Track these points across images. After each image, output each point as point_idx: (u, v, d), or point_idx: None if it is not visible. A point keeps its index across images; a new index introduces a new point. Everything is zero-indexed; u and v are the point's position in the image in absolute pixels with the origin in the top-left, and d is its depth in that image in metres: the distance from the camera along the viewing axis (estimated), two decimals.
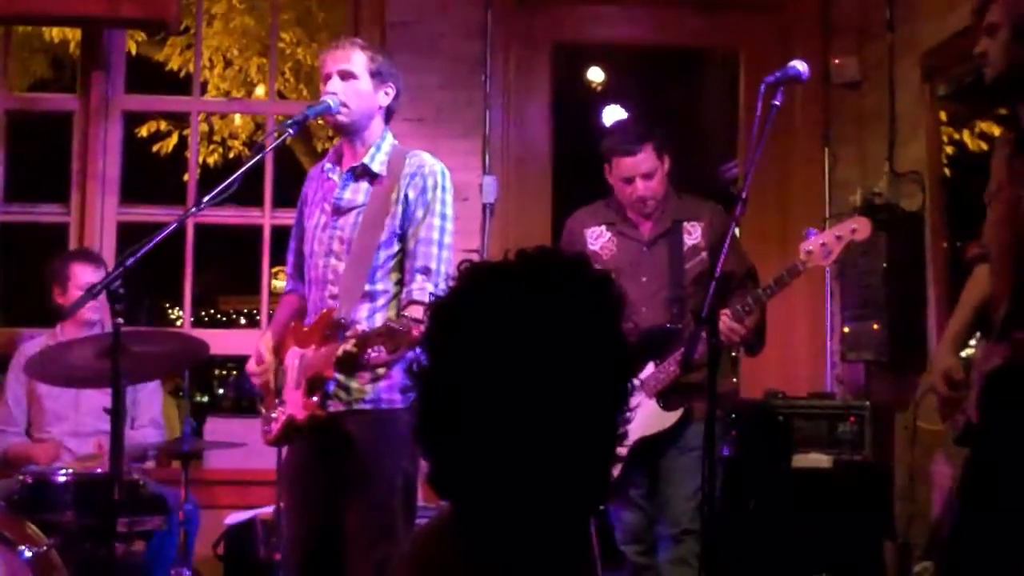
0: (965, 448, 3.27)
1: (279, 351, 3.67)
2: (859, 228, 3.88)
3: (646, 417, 4.17)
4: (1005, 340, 3.06)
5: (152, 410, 5.09)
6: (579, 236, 4.48)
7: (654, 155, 4.32)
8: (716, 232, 4.29)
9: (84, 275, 4.89)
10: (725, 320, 4.00)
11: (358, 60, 3.64)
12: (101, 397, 4.77)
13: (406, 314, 3.29)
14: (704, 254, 4.32)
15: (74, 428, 4.92)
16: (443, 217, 3.58)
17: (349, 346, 3.27)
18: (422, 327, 3.08)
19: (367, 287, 3.54)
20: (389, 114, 3.73)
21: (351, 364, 3.35)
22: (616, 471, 4.15)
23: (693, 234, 4.35)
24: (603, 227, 4.46)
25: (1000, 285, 3.12)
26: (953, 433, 3.30)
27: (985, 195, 3.25)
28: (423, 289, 3.47)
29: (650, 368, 4.21)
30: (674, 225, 4.37)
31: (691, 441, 4.19)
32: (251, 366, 3.72)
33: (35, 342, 4.95)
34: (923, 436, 4.82)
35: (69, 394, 4.91)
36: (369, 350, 3.21)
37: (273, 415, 3.61)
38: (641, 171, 4.32)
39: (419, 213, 3.56)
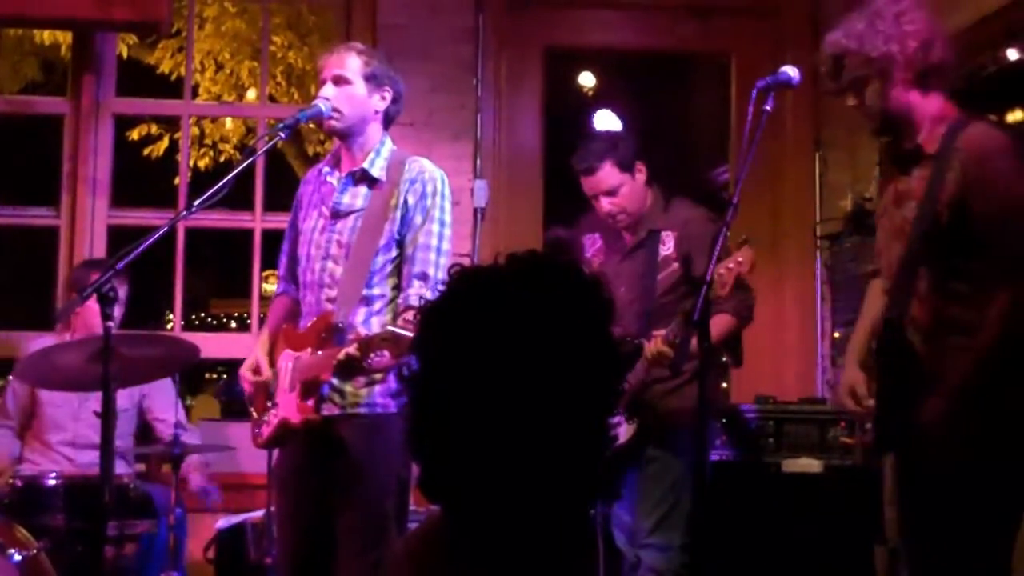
0: (879, 461, 3.42)
1: (272, 354, 3.66)
2: (744, 260, 3.90)
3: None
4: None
5: (173, 414, 5.04)
6: (579, 242, 4.53)
7: (616, 171, 4.29)
8: (690, 240, 4.27)
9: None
10: (657, 342, 4.01)
11: (352, 65, 3.63)
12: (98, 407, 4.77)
13: (408, 318, 3.29)
14: (675, 265, 4.30)
15: (72, 439, 4.90)
16: (442, 224, 3.59)
17: (352, 350, 3.26)
18: None
19: (364, 291, 3.53)
20: (388, 119, 3.72)
21: (352, 368, 3.35)
22: None
23: (667, 244, 4.34)
24: (597, 234, 4.49)
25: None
26: (867, 450, 3.45)
27: (876, 213, 3.47)
28: (420, 295, 3.47)
29: None
30: (650, 235, 4.36)
31: (648, 454, 4.24)
32: (245, 372, 3.69)
33: (40, 342, 4.93)
34: None
35: (71, 404, 4.90)
36: (372, 354, 3.21)
37: (264, 418, 3.60)
38: (602, 189, 4.30)
39: (418, 219, 3.56)
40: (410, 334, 3.10)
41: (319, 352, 3.44)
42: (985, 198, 3.11)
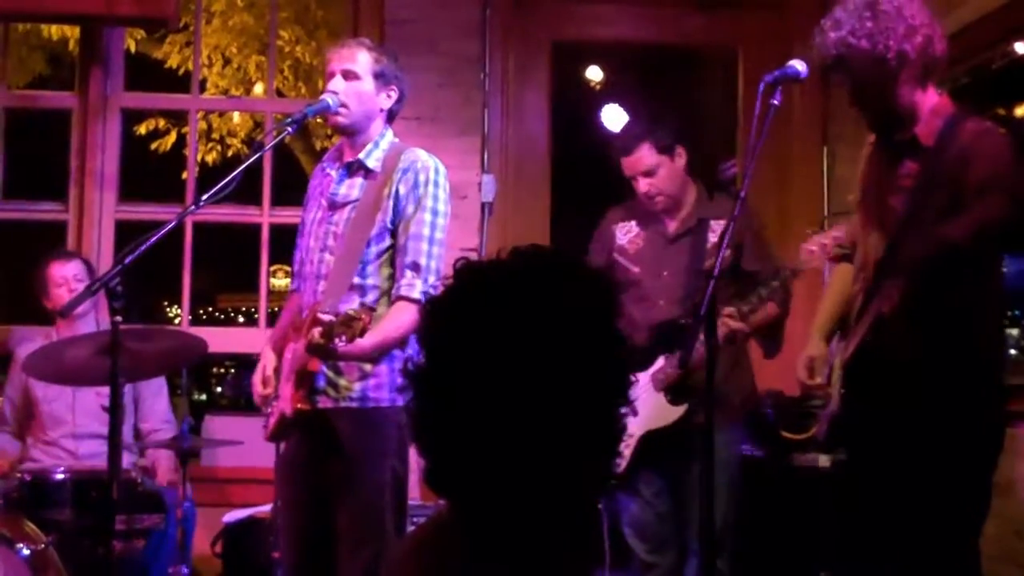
0: (833, 452, 3.48)
1: (282, 349, 3.67)
2: (840, 234, 3.90)
3: (654, 410, 4.18)
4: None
5: (160, 411, 5.10)
6: (609, 231, 4.49)
7: (653, 152, 4.32)
8: (741, 231, 4.31)
9: (59, 271, 4.93)
10: (727, 321, 4.02)
11: (362, 60, 3.62)
12: (98, 398, 4.79)
13: (371, 306, 3.30)
14: (728, 252, 4.31)
15: (72, 430, 4.91)
16: (435, 213, 3.57)
17: (316, 337, 3.27)
18: (373, 315, 3.15)
19: (356, 280, 3.53)
20: (391, 116, 3.72)
21: (323, 354, 3.35)
22: (622, 465, 4.16)
23: (717, 232, 4.36)
24: (633, 222, 4.47)
25: (862, 284, 3.36)
26: (820, 439, 3.50)
27: (852, 200, 3.53)
28: (412, 285, 3.47)
29: (660, 361, 4.21)
30: (700, 223, 4.37)
31: (695, 443, 4.17)
32: (257, 383, 3.70)
33: (33, 342, 4.95)
34: None
35: (66, 397, 4.91)
36: (336, 340, 3.21)
37: (270, 410, 3.61)
38: (639, 169, 4.33)
39: (410, 209, 3.55)
40: (358, 316, 3.13)
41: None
42: (978, 165, 3.12)
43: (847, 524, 3.40)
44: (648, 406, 4.18)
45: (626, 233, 4.48)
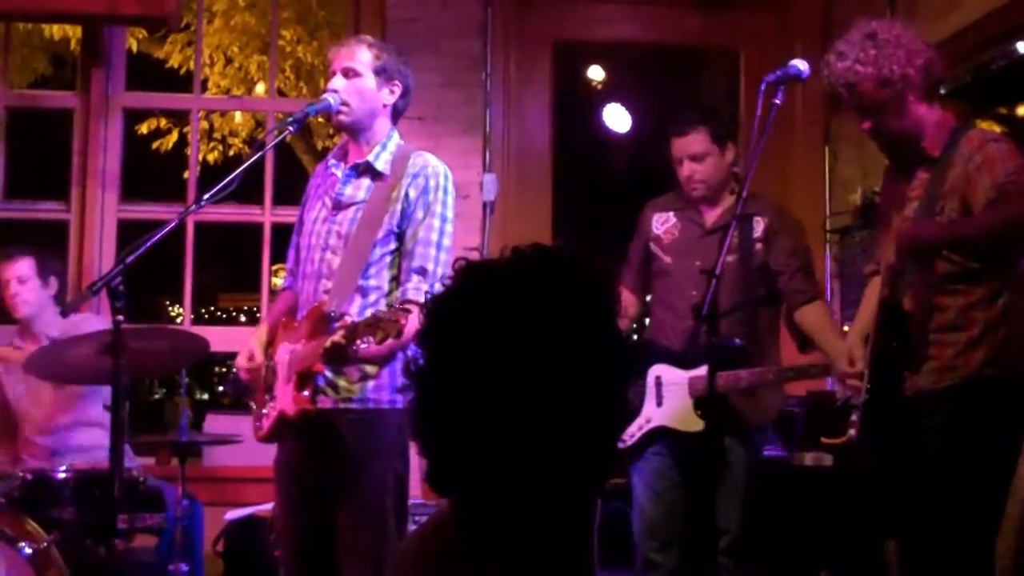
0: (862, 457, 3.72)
1: (271, 347, 3.66)
2: None
3: (679, 411, 4.19)
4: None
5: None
6: (647, 220, 4.53)
7: (706, 139, 4.34)
8: (774, 229, 4.35)
9: (4, 272, 4.89)
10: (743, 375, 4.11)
11: (362, 57, 3.61)
12: (55, 388, 4.80)
13: (395, 307, 3.27)
14: (759, 246, 4.34)
15: (37, 425, 4.90)
16: (443, 219, 3.57)
17: (338, 338, 3.25)
18: (409, 317, 3.11)
19: (360, 282, 3.52)
20: (396, 113, 3.71)
21: (340, 356, 3.33)
22: (628, 443, 4.20)
23: (756, 229, 4.38)
24: (670, 213, 4.50)
25: (883, 291, 3.51)
26: (853, 443, 3.63)
27: (878, 216, 3.78)
28: (418, 289, 3.45)
29: (703, 369, 4.21)
30: (743, 217, 4.37)
31: (728, 456, 4.21)
32: (240, 360, 3.69)
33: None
34: None
35: (29, 394, 4.89)
36: (358, 342, 3.20)
37: (264, 411, 3.59)
38: (689, 152, 4.34)
39: (419, 214, 3.54)
40: (390, 318, 3.10)
41: (312, 342, 3.44)
42: (993, 170, 3.28)
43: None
44: (676, 405, 4.21)
45: (663, 223, 4.51)
